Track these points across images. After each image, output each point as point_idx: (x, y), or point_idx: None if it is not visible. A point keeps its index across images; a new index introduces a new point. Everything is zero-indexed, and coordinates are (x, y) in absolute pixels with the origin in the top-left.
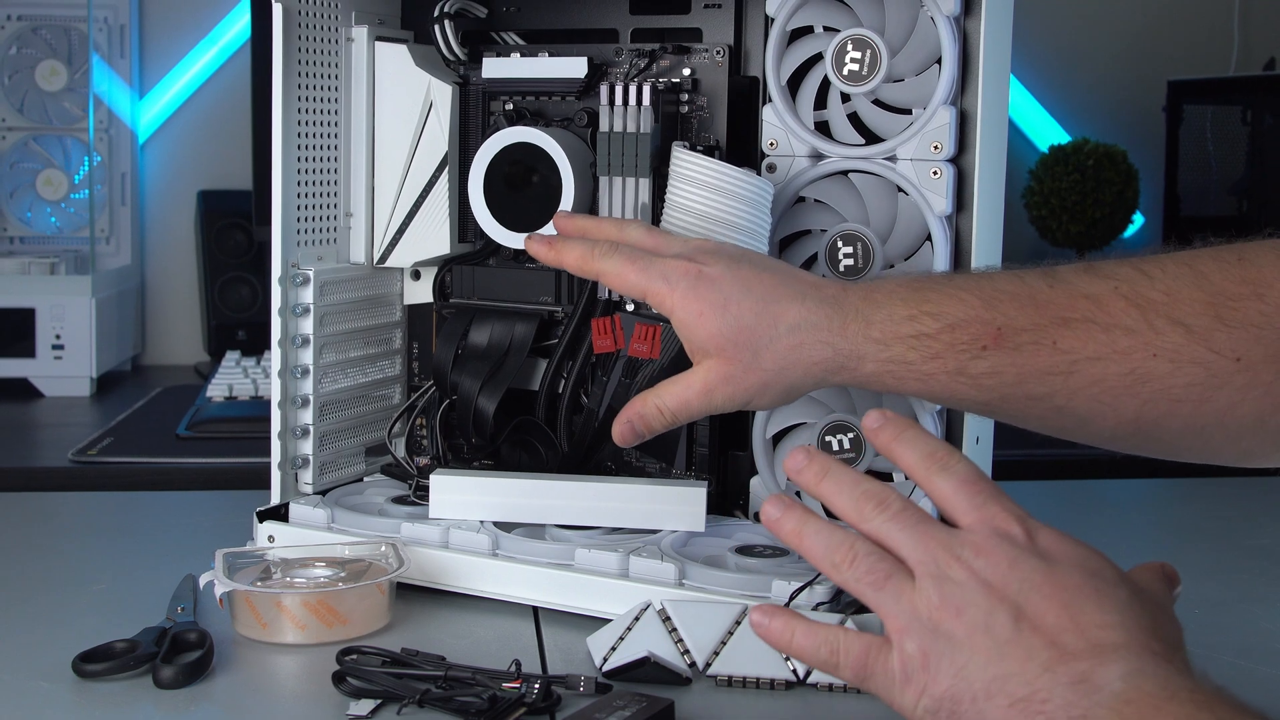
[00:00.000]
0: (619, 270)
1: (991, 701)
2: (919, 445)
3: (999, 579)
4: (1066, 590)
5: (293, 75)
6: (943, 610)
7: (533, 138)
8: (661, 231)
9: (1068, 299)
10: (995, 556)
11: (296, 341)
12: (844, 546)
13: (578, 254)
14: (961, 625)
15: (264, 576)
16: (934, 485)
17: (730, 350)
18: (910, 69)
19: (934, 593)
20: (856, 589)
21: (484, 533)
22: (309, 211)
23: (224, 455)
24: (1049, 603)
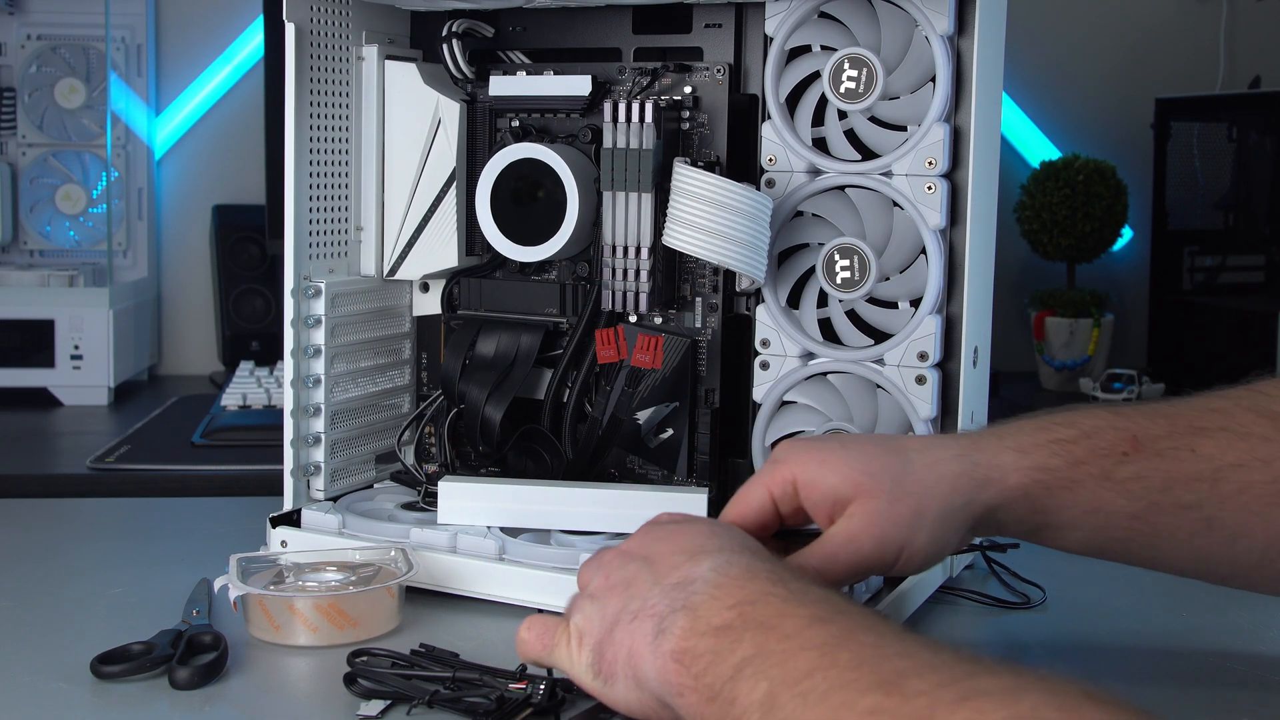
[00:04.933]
0: (737, 500)
1: (619, 627)
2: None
3: (633, 545)
4: (682, 536)
5: (305, 93)
6: (599, 583)
7: (538, 154)
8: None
9: (1194, 411)
10: (634, 537)
11: (309, 352)
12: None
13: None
14: (607, 584)
15: (277, 580)
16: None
17: (869, 482)
18: (905, 87)
19: (595, 575)
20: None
21: (491, 537)
22: (321, 225)
23: (238, 463)
24: (666, 545)
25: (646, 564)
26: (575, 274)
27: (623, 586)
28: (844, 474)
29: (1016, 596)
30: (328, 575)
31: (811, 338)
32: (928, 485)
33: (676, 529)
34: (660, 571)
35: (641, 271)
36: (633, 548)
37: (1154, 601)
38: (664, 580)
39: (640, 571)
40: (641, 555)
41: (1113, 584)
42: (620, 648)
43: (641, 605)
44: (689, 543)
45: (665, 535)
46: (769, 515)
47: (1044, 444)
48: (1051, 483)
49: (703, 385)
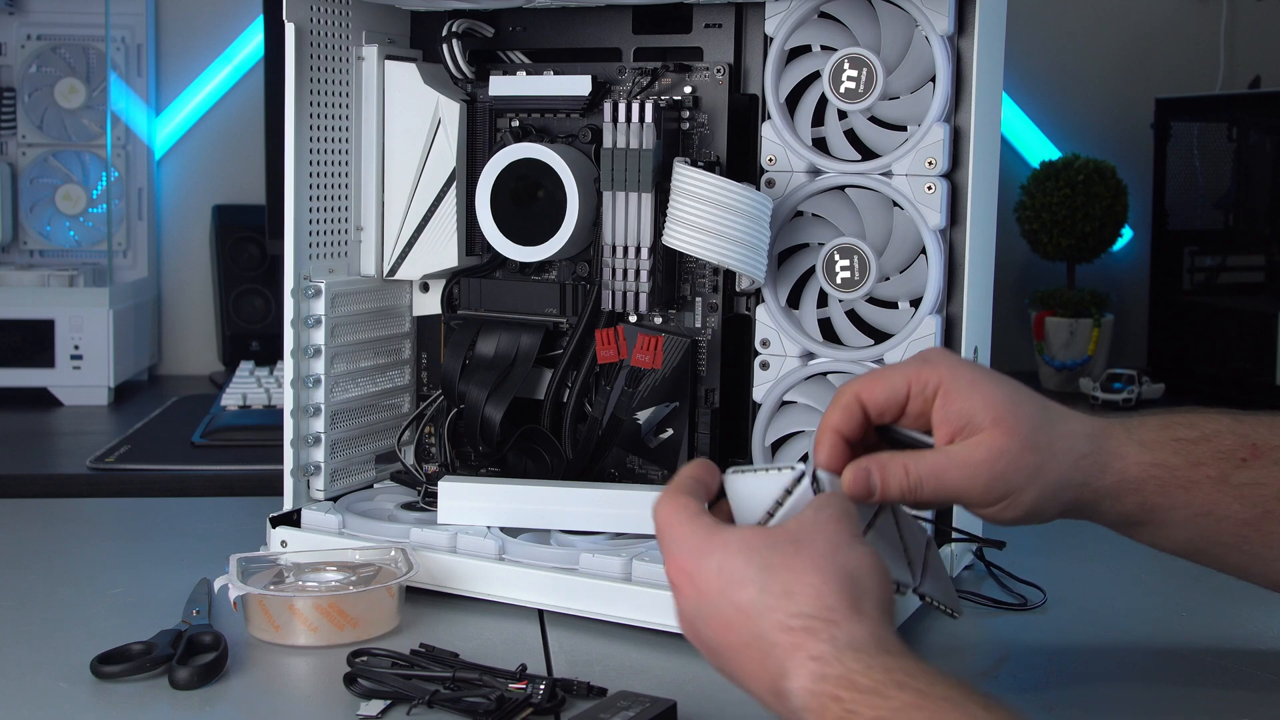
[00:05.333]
0: (873, 377)
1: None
2: None
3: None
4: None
5: (305, 93)
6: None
7: (538, 154)
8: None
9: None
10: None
11: (309, 352)
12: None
13: (831, 407)
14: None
15: (277, 580)
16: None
17: (1010, 419)
18: (905, 87)
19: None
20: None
21: (491, 538)
22: (321, 225)
23: (238, 463)
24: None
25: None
26: (575, 274)
27: (722, 636)
28: (990, 401)
29: (1014, 598)
30: (328, 575)
31: (811, 338)
32: (1058, 451)
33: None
34: (748, 665)
35: (641, 271)
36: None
37: (1154, 601)
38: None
39: (737, 648)
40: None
41: (1112, 583)
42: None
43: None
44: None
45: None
46: (898, 404)
47: (1167, 441)
48: (1168, 480)
49: (702, 385)
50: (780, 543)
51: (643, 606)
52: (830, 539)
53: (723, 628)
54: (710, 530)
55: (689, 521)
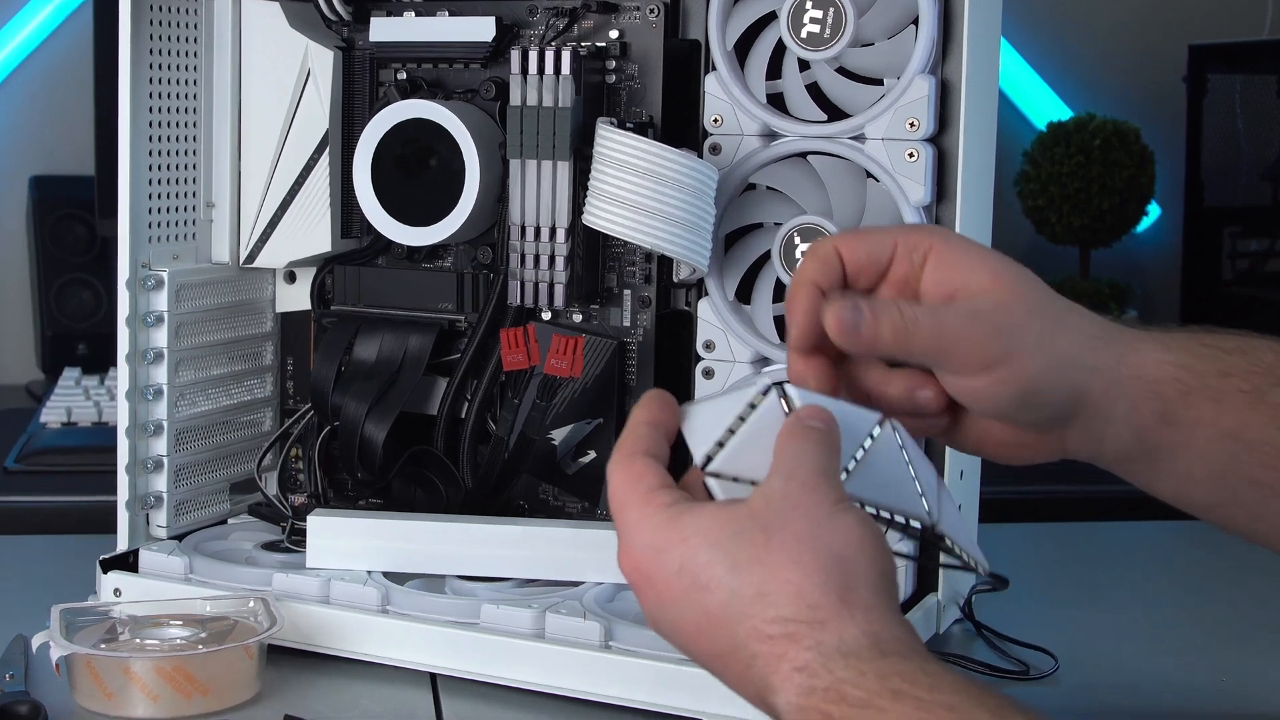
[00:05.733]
0: (856, 233)
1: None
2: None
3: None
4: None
5: (143, 37)
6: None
7: (430, 113)
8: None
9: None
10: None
11: (148, 356)
12: None
13: (807, 258)
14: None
15: (109, 638)
16: None
17: (1012, 281)
18: (881, 31)
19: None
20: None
21: (372, 585)
22: (163, 202)
23: (61, 493)
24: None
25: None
26: (476, 261)
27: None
28: (989, 265)
29: (1014, 663)
30: (171, 631)
31: (766, 339)
32: (1068, 324)
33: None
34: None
35: (557, 258)
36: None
37: (1185, 661)
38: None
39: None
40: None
41: (1131, 640)
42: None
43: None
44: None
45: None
46: (880, 263)
47: (1193, 345)
48: (1193, 386)
49: (632, 398)
50: (748, 531)
51: (558, 669)
52: (807, 517)
53: (695, 634)
54: (668, 518)
55: (643, 502)
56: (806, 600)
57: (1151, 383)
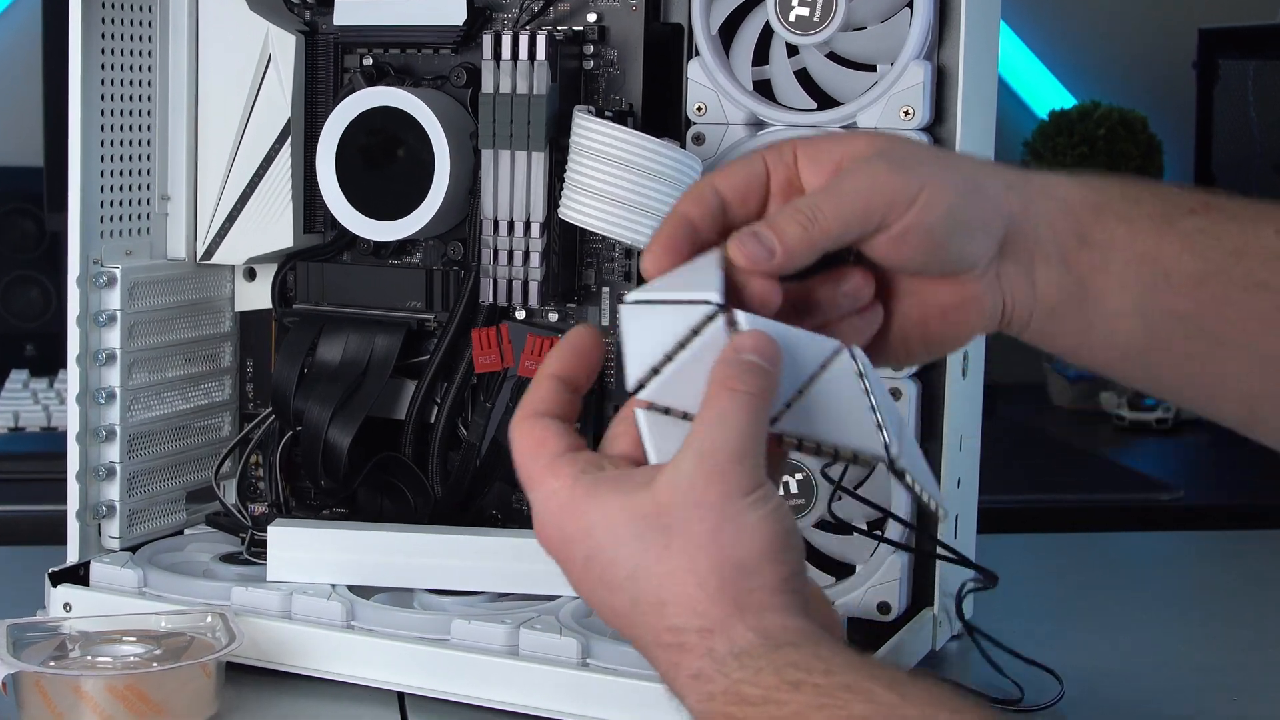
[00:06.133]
0: (721, 170)
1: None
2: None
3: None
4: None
5: (94, 22)
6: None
7: (397, 100)
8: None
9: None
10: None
11: (99, 358)
12: None
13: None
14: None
15: (59, 655)
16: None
17: (885, 141)
18: (874, 14)
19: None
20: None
21: (336, 599)
22: (116, 194)
23: (8, 502)
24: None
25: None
26: (446, 257)
27: (607, 609)
28: (855, 135)
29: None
30: (125, 648)
31: None
32: (961, 158)
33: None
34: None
35: (531, 254)
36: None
37: (1194, 681)
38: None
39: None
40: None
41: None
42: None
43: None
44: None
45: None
46: (759, 183)
47: (1098, 182)
48: (1103, 204)
49: (611, 401)
50: (649, 533)
51: (533, 688)
52: (708, 518)
53: (612, 620)
54: (571, 498)
55: (547, 474)
56: (697, 609)
57: (1062, 200)
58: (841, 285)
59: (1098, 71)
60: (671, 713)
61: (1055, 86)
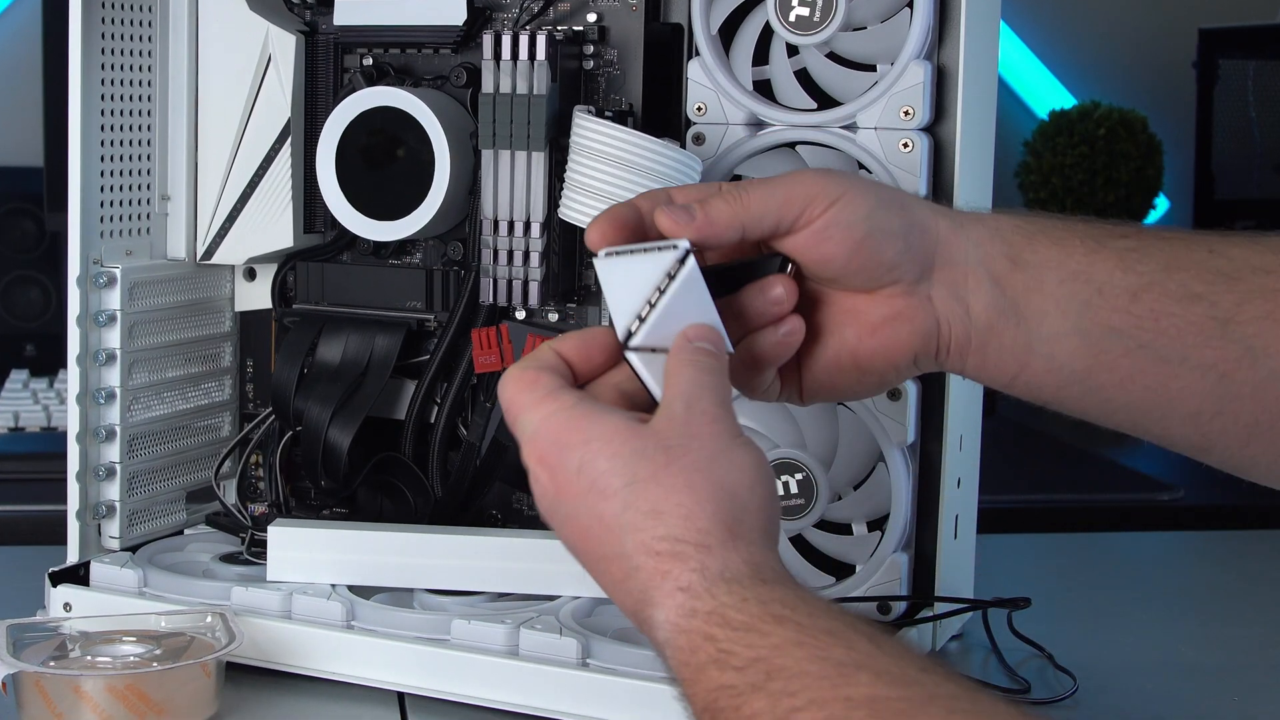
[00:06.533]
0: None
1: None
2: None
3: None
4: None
5: (94, 22)
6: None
7: (397, 101)
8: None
9: (1218, 234)
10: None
11: (99, 358)
12: None
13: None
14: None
15: (59, 655)
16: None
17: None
18: (874, 14)
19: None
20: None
21: (336, 599)
22: (116, 195)
23: (8, 502)
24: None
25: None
26: (446, 257)
27: (580, 536)
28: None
29: (1015, 683)
30: (125, 648)
31: None
32: (894, 188)
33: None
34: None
35: (531, 254)
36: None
37: (1194, 686)
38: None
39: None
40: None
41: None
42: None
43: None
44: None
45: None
46: (713, 192)
47: (1029, 215)
48: (1034, 231)
49: None
50: (649, 450)
51: (533, 688)
52: (705, 447)
53: (582, 534)
54: (572, 416)
55: (544, 400)
56: (696, 524)
57: (993, 227)
58: (767, 293)
59: (1098, 71)
60: (671, 713)
61: (1055, 86)
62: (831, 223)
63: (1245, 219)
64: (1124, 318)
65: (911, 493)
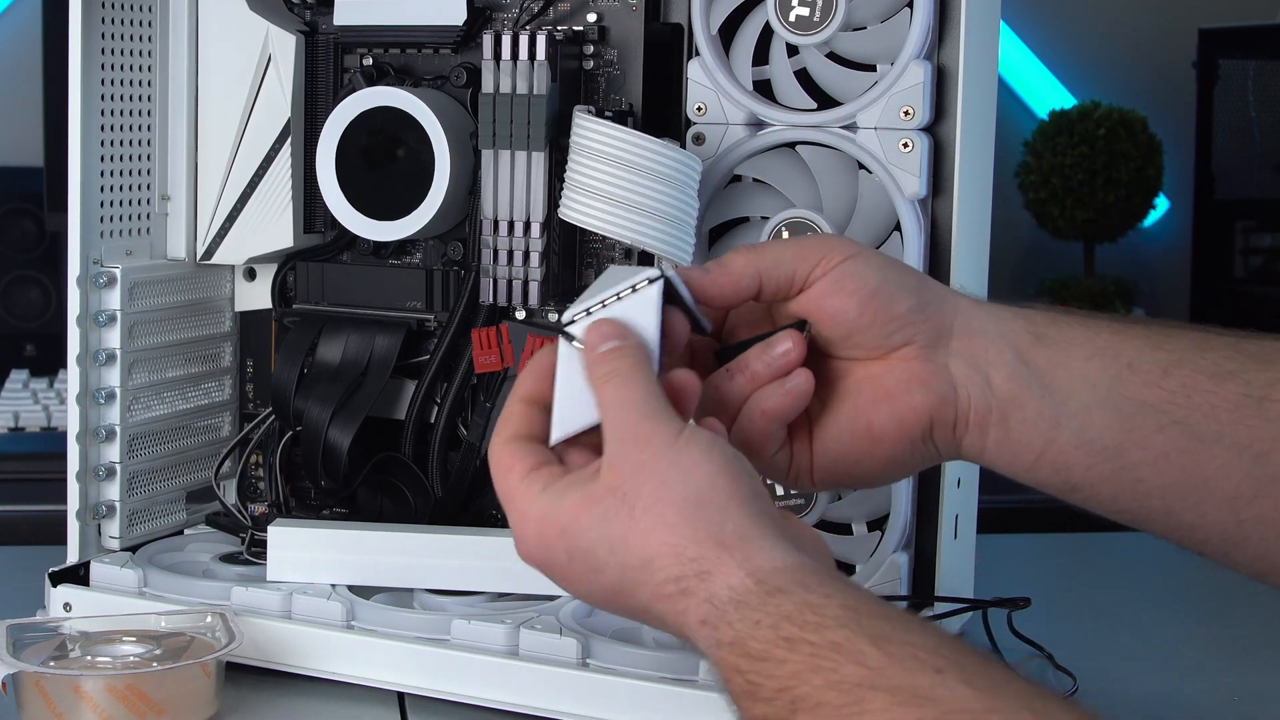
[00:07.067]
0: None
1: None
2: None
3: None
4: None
5: (94, 22)
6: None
7: (397, 100)
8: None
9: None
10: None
11: (99, 358)
12: None
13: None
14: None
15: (59, 655)
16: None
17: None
18: (874, 14)
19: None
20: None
21: (336, 599)
22: (116, 194)
23: (8, 502)
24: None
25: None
26: (446, 257)
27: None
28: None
29: None
30: (125, 648)
31: None
32: (922, 282)
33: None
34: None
35: (532, 254)
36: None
37: (1196, 685)
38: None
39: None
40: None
41: (1141, 661)
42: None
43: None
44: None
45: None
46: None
47: (1055, 316)
48: (1056, 314)
49: None
50: (610, 509)
51: (533, 688)
52: (653, 475)
53: (607, 602)
54: (543, 510)
55: (520, 493)
56: (685, 555)
57: (1014, 309)
58: (774, 348)
59: (1098, 71)
60: (671, 713)
61: (1055, 86)
62: (846, 273)
63: (1245, 219)
64: (1156, 393)
65: (911, 493)
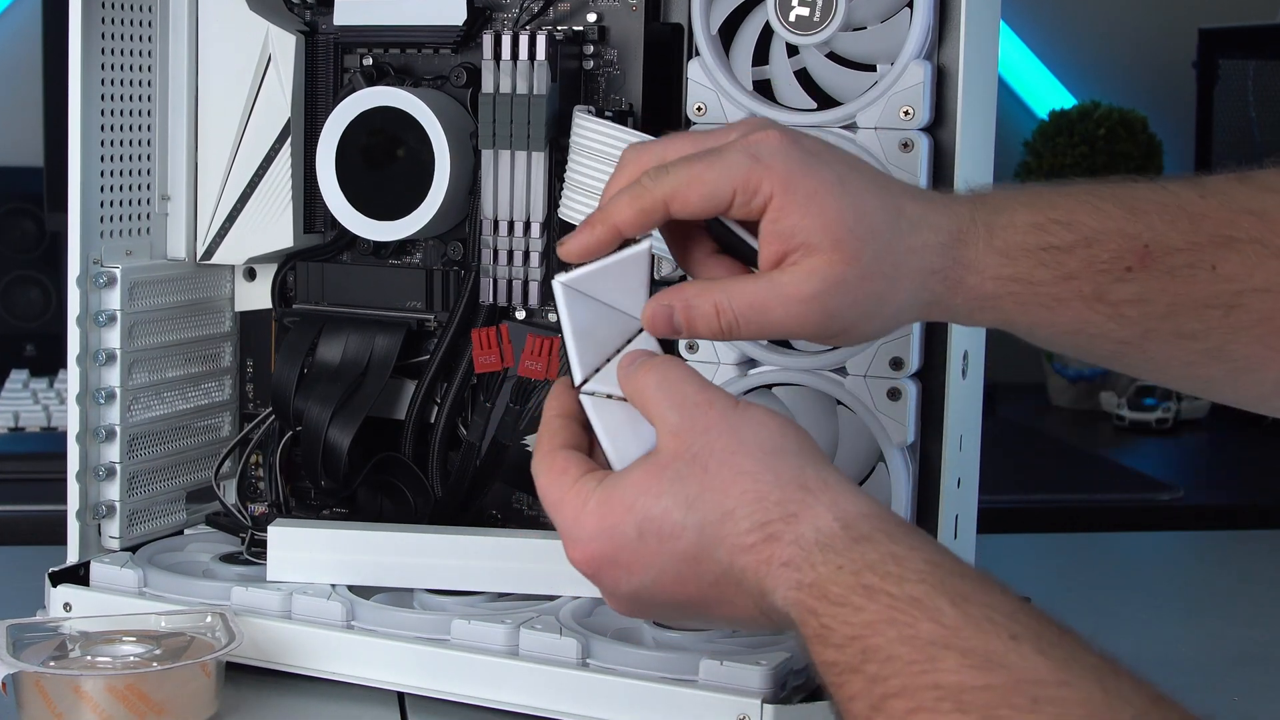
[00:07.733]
0: (688, 179)
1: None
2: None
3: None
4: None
5: (94, 22)
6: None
7: (397, 101)
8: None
9: (1227, 214)
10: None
11: (99, 358)
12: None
13: (627, 204)
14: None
15: (59, 655)
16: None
17: (850, 243)
18: (874, 14)
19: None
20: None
21: (336, 599)
22: (115, 194)
23: (8, 502)
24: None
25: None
26: (446, 257)
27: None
28: (830, 220)
29: None
30: (125, 648)
31: (751, 341)
32: (903, 271)
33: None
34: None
35: (531, 254)
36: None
37: (1190, 680)
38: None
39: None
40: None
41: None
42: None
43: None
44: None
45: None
46: (721, 206)
47: (1034, 249)
48: (1029, 299)
49: None
50: (683, 470)
51: (533, 688)
52: (723, 432)
53: (676, 586)
54: (602, 499)
55: (574, 496)
56: (770, 499)
57: (990, 298)
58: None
59: (1098, 71)
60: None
61: (1055, 86)
62: (822, 342)
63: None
64: (1112, 353)
65: (911, 493)
